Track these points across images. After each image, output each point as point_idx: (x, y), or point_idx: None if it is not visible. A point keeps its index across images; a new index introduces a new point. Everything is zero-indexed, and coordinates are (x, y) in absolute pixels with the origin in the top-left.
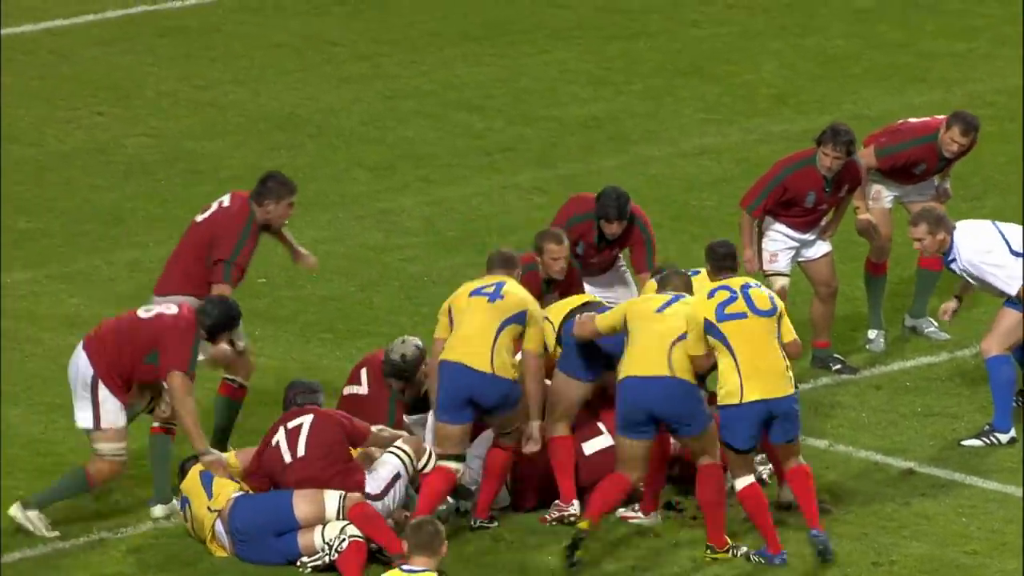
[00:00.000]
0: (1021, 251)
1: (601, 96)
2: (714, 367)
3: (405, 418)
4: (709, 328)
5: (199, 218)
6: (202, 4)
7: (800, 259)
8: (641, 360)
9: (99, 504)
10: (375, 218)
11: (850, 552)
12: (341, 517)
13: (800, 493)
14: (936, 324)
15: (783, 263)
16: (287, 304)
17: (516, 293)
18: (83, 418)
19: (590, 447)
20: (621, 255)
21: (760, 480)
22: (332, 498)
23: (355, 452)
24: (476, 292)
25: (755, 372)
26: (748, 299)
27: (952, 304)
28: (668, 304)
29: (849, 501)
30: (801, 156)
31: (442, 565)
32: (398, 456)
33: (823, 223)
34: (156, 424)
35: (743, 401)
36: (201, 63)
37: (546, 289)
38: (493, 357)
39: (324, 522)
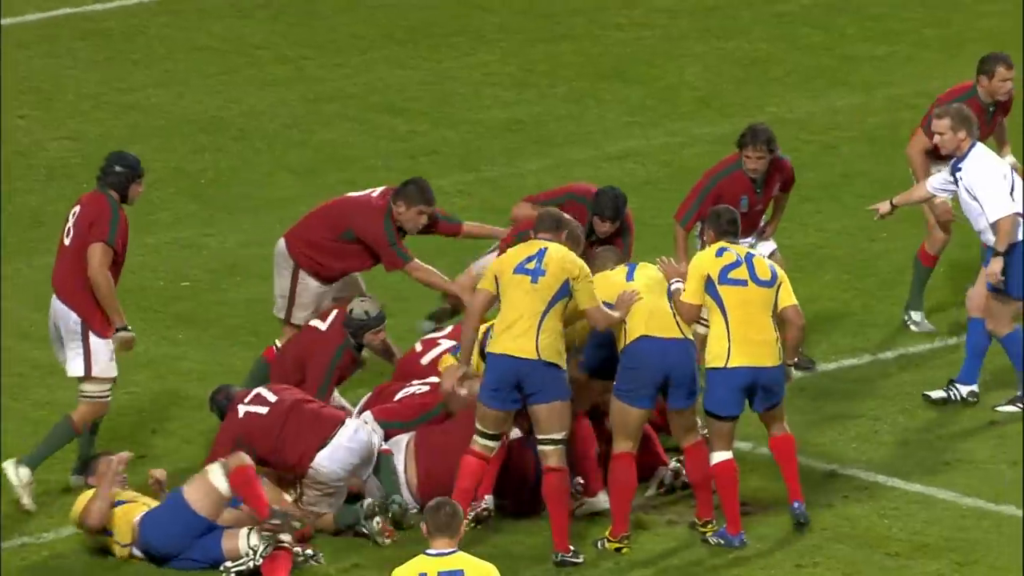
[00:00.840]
0: (1016, 203)
1: (524, 99)
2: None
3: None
4: (709, 287)
5: (349, 194)
6: (124, 6)
7: None
8: (654, 321)
9: (17, 508)
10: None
11: (773, 553)
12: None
13: (782, 461)
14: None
15: None
16: (211, 308)
17: (557, 263)
18: (74, 367)
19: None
20: None
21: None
22: (215, 471)
23: None
24: (520, 268)
25: (744, 339)
26: (751, 267)
27: (886, 207)
28: (631, 272)
29: (772, 503)
30: (727, 162)
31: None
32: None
33: (761, 223)
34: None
35: (728, 366)
36: (123, 66)
37: None
38: (538, 343)
39: (223, 500)
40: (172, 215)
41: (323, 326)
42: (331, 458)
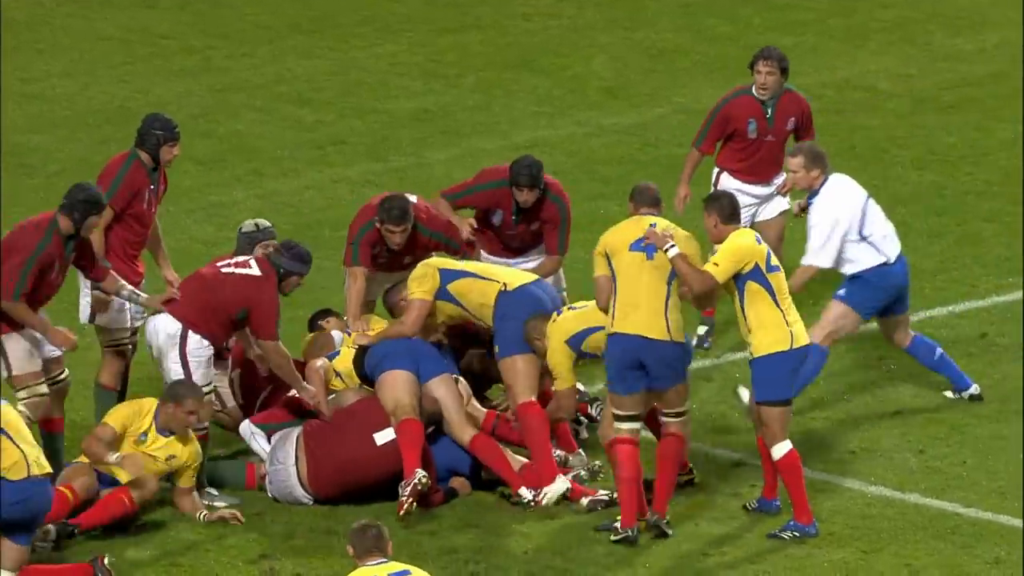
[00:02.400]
0: (866, 235)
1: (432, 89)
2: None
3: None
4: (757, 275)
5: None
6: None
7: (756, 219)
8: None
9: None
10: (206, 211)
11: (681, 543)
12: None
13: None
14: None
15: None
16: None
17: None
18: (84, 314)
19: (382, 437)
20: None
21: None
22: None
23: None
24: (635, 245)
25: (796, 320)
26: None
27: (795, 208)
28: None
29: (679, 492)
30: (738, 88)
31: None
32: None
33: (779, 180)
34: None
35: (793, 347)
36: (28, 56)
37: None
38: (668, 323)
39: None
40: None
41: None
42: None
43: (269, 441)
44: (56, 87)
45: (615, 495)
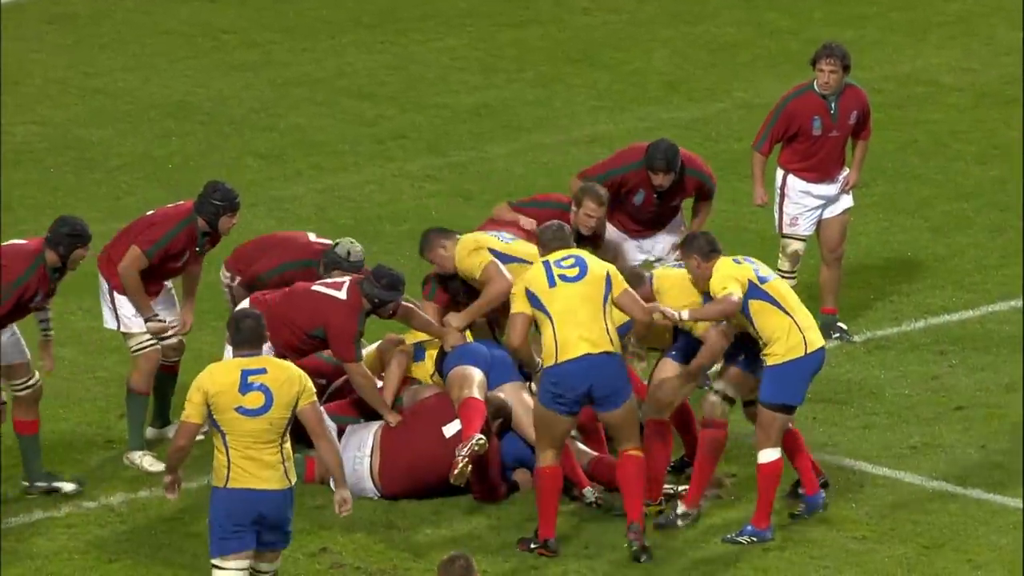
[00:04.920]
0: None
1: (492, 83)
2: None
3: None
4: (754, 291)
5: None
6: None
7: (822, 218)
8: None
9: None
10: (267, 206)
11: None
12: None
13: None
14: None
15: (803, 227)
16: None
17: None
18: (108, 320)
19: (450, 429)
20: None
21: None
22: None
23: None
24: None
25: (809, 326)
26: (761, 263)
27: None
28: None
29: (739, 487)
30: (799, 85)
31: None
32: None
33: (844, 176)
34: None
35: (808, 352)
36: (90, 50)
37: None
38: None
39: None
40: (139, 200)
41: (340, 295)
42: None
43: (338, 435)
44: (118, 81)
45: (678, 488)
